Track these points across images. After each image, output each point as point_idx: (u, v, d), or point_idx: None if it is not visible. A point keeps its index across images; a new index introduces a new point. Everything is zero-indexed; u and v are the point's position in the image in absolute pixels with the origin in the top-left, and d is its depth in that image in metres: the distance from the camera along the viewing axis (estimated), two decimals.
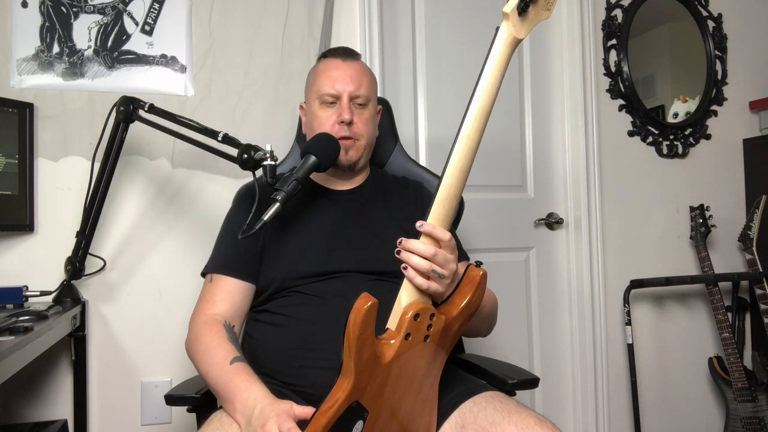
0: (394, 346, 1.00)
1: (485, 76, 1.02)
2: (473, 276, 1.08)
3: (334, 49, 1.46)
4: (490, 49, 1.01)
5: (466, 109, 1.02)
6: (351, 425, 0.98)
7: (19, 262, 1.72)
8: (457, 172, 1.02)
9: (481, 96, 1.02)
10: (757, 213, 2.37)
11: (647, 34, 2.48)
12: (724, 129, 2.55)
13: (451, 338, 1.09)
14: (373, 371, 0.98)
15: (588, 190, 2.32)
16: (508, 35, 1.01)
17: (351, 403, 0.97)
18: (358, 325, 0.94)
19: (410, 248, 1.03)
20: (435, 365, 1.09)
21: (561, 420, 2.30)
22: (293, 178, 1.16)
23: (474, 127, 1.02)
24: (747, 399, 2.25)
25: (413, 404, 1.07)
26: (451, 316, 1.07)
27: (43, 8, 1.75)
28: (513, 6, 1.00)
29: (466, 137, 1.02)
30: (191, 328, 1.26)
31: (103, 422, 1.78)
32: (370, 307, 0.94)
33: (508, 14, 1.00)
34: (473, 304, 1.08)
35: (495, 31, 1.02)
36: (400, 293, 1.04)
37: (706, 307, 2.47)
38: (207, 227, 1.71)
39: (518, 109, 2.33)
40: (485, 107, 1.03)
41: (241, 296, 1.29)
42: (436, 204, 1.03)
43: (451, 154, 1.02)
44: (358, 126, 1.35)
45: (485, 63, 1.02)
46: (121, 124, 1.58)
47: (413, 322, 1.01)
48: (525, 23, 1.02)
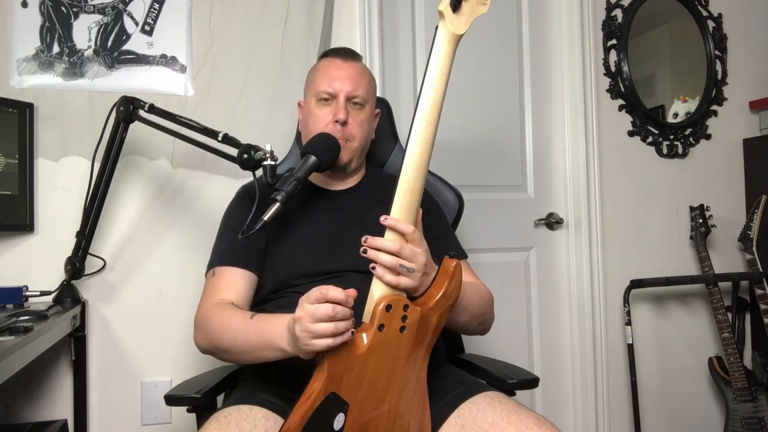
0: (368, 337, 1.02)
1: (430, 74, 1.06)
2: (447, 267, 1.10)
3: (335, 49, 1.46)
4: (432, 48, 1.06)
5: (415, 106, 1.07)
6: (331, 417, 1.00)
7: (19, 262, 1.72)
8: (414, 165, 1.05)
9: (428, 92, 1.06)
10: (757, 213, 2.37)
11: (647, 34, 2.48)
12: (724, 129, 2.55)
13: (431, 331, 1.10)
14: (347, 362, 1.01)
15: (588, 190, 2.32)
16: (447, 32, 1.06)
17: (328, 394, 1.00)
18: None
19: (376, 245, 1.04)
20: (417, 359, 1.10)
21: (561, 420, 2.30)
22: (293, 178, 1.17)
23: (425, 121, 1.06)
24: (747, 399, 2.25)
25: (399, 400, 1.08)
26: (428, 308, 1.08)
27: (43, 8, 1.75)
28: (446, 4, 1.05)
29: (419, 132, 1.06)
30: (198, 318, 1.26)
31: (103, 422, 1.78)
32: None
33: (443, 12, 1.05)
34: (450, 294, 1.09)
35: (435, 29, 1.07)
36: (372, 288, 1.05)
37: (706, 307, 2.47)
38: (207, 227, 1.71)
39: (518, 109, 2.33)
40: (434, 103, 1.06)
41: (245, 285, 1.29)
42: (396, 197, 1.05)
43: (406, 149, 1.06)
44: (353, 127, 1.35)
45: (428, 61, 1.06)
46: (121, 124, 1.58)
47: (385, 314, 1.03)
48: (461, 19, 1.06)
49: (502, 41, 2.30)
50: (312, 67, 1.46)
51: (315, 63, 1.47)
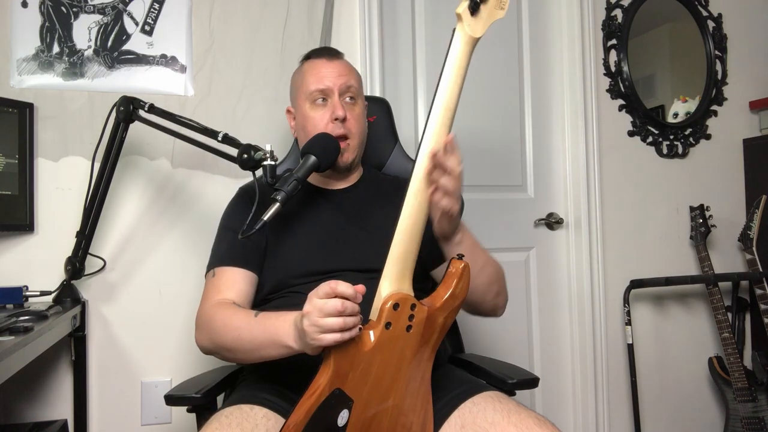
0: (375, 334, 1.02)
1: (446, 76, 1.06)
2: (456, 268, 1.10)
3: (317, 50, 1.46)
4: (449, 50, 1.06)
5: (429, 109, 1.06)
6: (336, 413, 1.00)
7: (19, 262, 1.72)
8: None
9: (444, 96, 1.06)
10: (757, 213, 2.37)
11: (647, 34, 2.48)
12: (724, 129, 2.55)
13: (437, 331, 1.10)
14: (353, 358, 1.01)
15: (588, 190, 2.32)
16: (464, 35, 1.06)
17: (333, 390, 1.00)
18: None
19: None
20: (422, 358, 1.10)
21: (561, 420, 2.30)
22: (293, 178, 1.17)
23: (440, 123, 1.06)
24: (747, 399, 2.25)
25: (403, 398, 1.08)
26: (435, 308, 1.08)
27: (43, 8, 1.75)
28: (464, 7, 1.05)
29: (432, 134, 1.06)
30: (200, 319, 1.25)
31: (103, 422, 1.78)
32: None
33: (461, 15, 1.05)
34: (457, 295, 1.10)
35: (452, 32, 1.06)
36: (379, 286, 1.05)
37: (706, 307, 2.47)
38: (207, 227, 1.71)
39: (518, 109, 2.33)
40: (449, 106, 1.06)
41: (245, 284, 1.29)
42: (408, 197, 1.06)
43: (418, 152, 1.06)
44: (351, 122, 1.35)
45: (444, 63, 1.06)
46: (121, 124, 1.58)
47: (393, 312, 1.04)
48: (479, 22, 1.06)
49: (502, 41, 2.30)
50: (297, 71, 1.45)
51: (298, 66, 1.45)
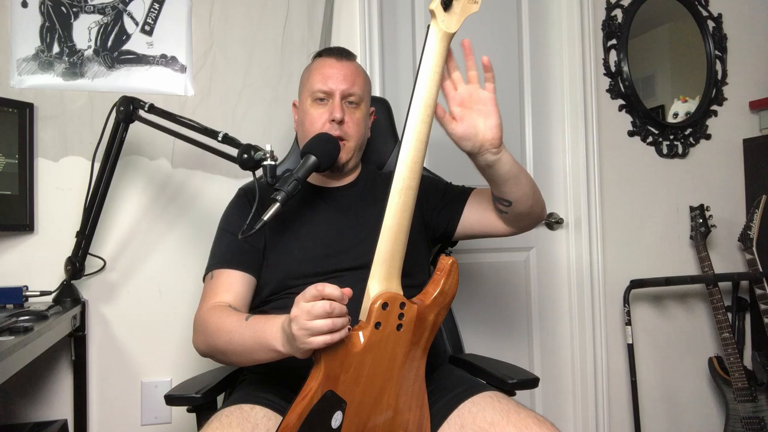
0: (365, 335, 1.02)
1: (423, 74, 1.08)
2: (444, 265, 1.10)
3: (329, 49, 1.46)
4: (424, 47, 1.08)
5: (408, 105, 1.07)
6: (329, 416, 1.00)
7: (19, 262, 1.72)
8: (409, 163, 1.08)
9: (421, 91, 1.07)
10: (757, 213, 2.37)
11: (647, 34, 2.48)
12: (724, 129, 2.55)
13: (428, 329, 1.10)
14: (344, 360, 1.01)
15: (588, 190, 2.32)
16: (438, 31, 1.07)
17: (325, 392, 1.00)
18: None
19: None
20: (415, 357, 1.10)
21: (561, 420, 2.30)
22: (293, 178, 1.17)
23: (419, 120, 1.07)
24: (747, 399, 2.25)
25: (397, 398, 1.08)
26: (424, 305, 1.08)
27: (43, 8, 1.75)
28: (437, 3, 1.06)
29: (413, 131, 1.07)
30: (196, 321, 1.26)
31: (103, 422, 1.78)
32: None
33: (434, 11, 1.06)
34: (447, 292, 1.10)
35: (426, 29, 1.08)
36: (368, 287, 1.06)
37: (706, 307, 2.47)
38: (207, 227, 1.71)
39: (518, 109, 2.33)
40: (428, 101, 1.08)
41: (243, 287, 1.29)
42: (392, 195, 1.07)
43: (400, 148, 1.07)
44: (349, 126, 1.35)
45: (421, 61, 1.07)
46: (121, 124, 1.58)
47: (382, 312, 1.04)
48: (453, 18, 1.08)
49: (502, 41, 2.30)
50: (306, 67, 1.46)
51: (309, 62, 1.47)
